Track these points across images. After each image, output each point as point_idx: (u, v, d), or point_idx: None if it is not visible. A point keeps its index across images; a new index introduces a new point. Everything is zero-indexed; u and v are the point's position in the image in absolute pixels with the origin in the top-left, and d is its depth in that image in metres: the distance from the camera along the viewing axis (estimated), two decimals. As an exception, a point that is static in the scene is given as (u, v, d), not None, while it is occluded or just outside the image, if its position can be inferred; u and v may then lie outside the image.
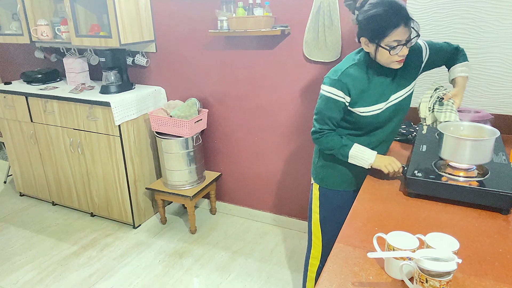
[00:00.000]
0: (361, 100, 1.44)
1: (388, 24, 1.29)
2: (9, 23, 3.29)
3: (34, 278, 2.40)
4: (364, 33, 1.36)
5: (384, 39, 1.31)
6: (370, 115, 1.46)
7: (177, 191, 2.74)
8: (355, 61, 1.45)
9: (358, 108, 1.45)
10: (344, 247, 1.07)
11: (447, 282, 0.81)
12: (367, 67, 1.45)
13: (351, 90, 1.43)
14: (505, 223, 1.15)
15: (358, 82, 1.43)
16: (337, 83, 1.42)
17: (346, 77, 1.42)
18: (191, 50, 2.73)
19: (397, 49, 1.32)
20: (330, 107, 1.46)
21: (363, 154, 1.46)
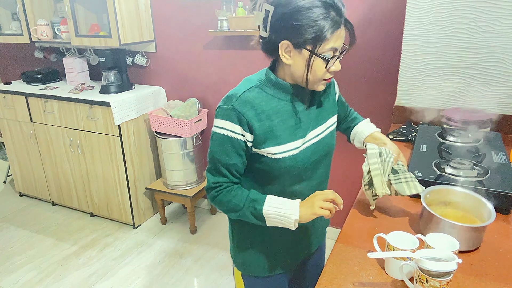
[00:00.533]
0: (270, 136, 1.01)
1: (329, 22, 0.90)
2: (9, 23, 3.29)
3: (34, 278, 2.40)
4: (290, 34, 0.93)
5: (321, 44, 0.92)
6: (286, 157, 1.03)
7: (177, 191, 2.74)
8: (257, 83, 1.03)
9: (268, 149, 1.02)
10: (344, 247, 1.07)
11: (447, 282, 0.81)
12: (276, 89, 1.03)
13: (253, 124, 0.99)
14: (505, 223, 1.15)
15: (264, 110, 1.00)
16: (231, 114, 0.98)
17: (244, 104, 0.98)
18: (191, 50, 2.73)
19: (331, 62, 0.95)
20: (225, 149, 1.01)
21: (283, 209, 1.00)
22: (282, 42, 0.95)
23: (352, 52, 2.37)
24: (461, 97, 1.89)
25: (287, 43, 0.94)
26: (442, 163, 1.35)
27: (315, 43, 0.92)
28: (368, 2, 2.14)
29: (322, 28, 0.90)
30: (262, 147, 1.02)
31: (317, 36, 0.91)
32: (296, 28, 0.91)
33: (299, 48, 0.94)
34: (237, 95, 1.00)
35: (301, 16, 0.90)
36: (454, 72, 1.86)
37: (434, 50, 1.86)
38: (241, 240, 1.20)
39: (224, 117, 1.00)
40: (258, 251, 1.18)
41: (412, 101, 1.98)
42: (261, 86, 1.03)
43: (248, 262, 1.20)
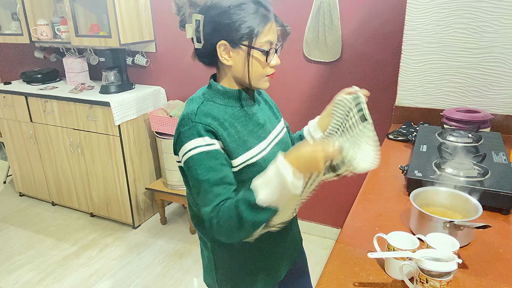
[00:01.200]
0: (239, 143, 0.98)
1: (260, 16, 0.94)
2: (9, 23, 3.29)
3: (33, 278, 2.40)
4: (225, 34, 0.94)
5: (257, 37, 0.94)
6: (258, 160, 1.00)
7: (177, 191, 2.74)
8: (205, 97, 1.02)
9: (241, 157, 0.97)
10: (344, 247, 1.07)
11: (447, 282, 0.81)
12: (225, 98, 1.02)
13: (221, 134, 0.95)
14: (505, 223, 1.15)
15: (225, 119, 0.98)
16: (197, 129, 0.93)
17: (205, 117, 0.95)
18: (191, 50, 2.72)
19: (271, 55, 0.98)
20: (209, 166, 0.92)
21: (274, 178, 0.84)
22: (219, 44, 0.96)
23: (353, 52, 2.38)
24: (461, 97, 1.89)
25: (224, 43, 0.95)
26: (442, 163, 1.35)
27: (250, 38, 0.94)
28: (368, 2, 2.14)
29: (255, 22, 0.93)
30: (236, 157, 0.97)
31: (251, 30, 0.93)
32: (230, 26, 0.93)
33: (236, 46, 0.95)
34: (193, 112, 0.96)
35: (232, 14, 0.92)
36: (454, 72, 1.86)
37: (434, 50, 1.86)
38: (227, 268, 1.11)
39: (190, 137, 0.93)
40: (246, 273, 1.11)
41: (412, 101, 1.98)
42: (211, 99, 1.01)
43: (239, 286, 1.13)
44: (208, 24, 0.96)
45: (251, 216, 0.86)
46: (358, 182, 1.70)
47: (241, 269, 1.12)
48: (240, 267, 1.11)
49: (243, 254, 1.10)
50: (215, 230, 0.92)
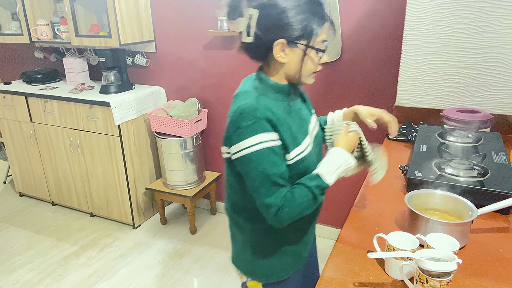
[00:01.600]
0: (291, 139, 1.02)
1: (320, 16, 0.96)
2: (9, 23, 3.29)
3: (34, 278, 2.40)
4: (284, 33, 0.94)
5: (315, 38, 0.97)
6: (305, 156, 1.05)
7: (177, 191, 2.74)
8: (258, 92, 1.02)
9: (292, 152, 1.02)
10: (344, 247, 1.07)
11: (447, 282, 0.81)
12: (276, 93, 1.03)
13: (280, 127, 0.98)
14: (505, 223, 1.15)
15: (280, 115, 1.00)
16: (262, 125, 0.95)
17: (266, 111, 0.97)
18: (191, 50, 2.73)
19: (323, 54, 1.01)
20: (273, 161, 0.96)
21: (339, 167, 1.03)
22: (276, 42, 0.96)
23: (353, 52, 2.38)
24: (461, 97, 1.89)
25: (282, 41, 0.96)
26: (442, 163, 1.35)
27: (309, 38, 0.96)
28: (368, 2, 2.14)
29: (314, 22, 0.95)
30: (289, 152, 1.01)
31: (310, 31, 0.95)
32: (289, 26, 0.94)
33: (293, 45, 0.97)
34: (253, 105, 0.97)
35: (292, 14, 0.93)
36: (454, 72, 1.86)
37: (434, 50, 1.86)
38: (262, 252, 1.16)
39: (254, 132, 0.95)
40: (279, 255, 1.16)
41: (412, 101, 1.98)
42: (264, 93, 1.02)
43: (271, 271, 1.17)
44: (264, 20, 0.94)
45: (322, 197, 1.03)
46: (358, 182, 1.70)
47: (274, 251, 1.16)
48: (274, 249, 1.16)
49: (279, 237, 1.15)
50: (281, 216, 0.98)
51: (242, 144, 0.96)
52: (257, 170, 0.96)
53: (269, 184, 0.97)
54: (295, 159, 1.02)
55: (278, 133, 0.98)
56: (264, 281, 1.20)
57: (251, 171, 0.97)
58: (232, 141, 0.98)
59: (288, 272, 1.19)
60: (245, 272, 1.22)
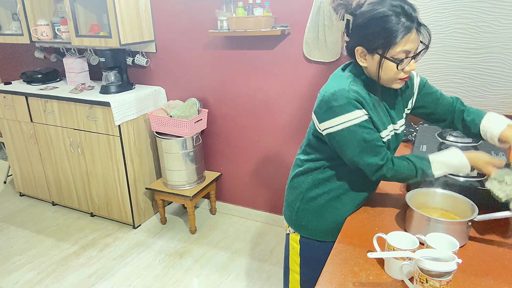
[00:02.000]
0: (380, 123, 1.15)
1: (399, 28, 1.00)
2: (9, 23, 3.29)
3: (34, 278, 2.40)
4: (363, 41, 1.07)
5: (391, 48, 1.03)
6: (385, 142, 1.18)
7: (177, 191, 2.74)
8: (350, 78, 1.14)
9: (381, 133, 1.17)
10: (344, 247, 1.07)
11: (447, 282, 0.81)
12: (364, 85, 1.15)
13: (367, 108, 1.11)
14: (505, 223, 1.15)
15: (367, 100, 1.12)
16: (353, 104, 1.09)
17: (357, 94, 1.10)
18: (191, 50, 2.73)
19: (404, 63, 1.04)
20: (370, 130, 1.11)
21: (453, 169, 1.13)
22: (357, 48, 1.09)
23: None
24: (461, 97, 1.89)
25: (361, 48, 1.08)
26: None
27: (384, 48, 1.04)
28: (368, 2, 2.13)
29: (391, 34, 1.01)
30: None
31: (386, 42, 1.03)
32: (368, 36, 1.05)
33: (371, 53, 1.07)
34: (345, 89, 1.09)
35: (372, 25, 1.04)
36: (454, 72, 1.86)
37: (434, 50, 1.86)
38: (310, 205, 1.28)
39: (349, 110, 1.08)
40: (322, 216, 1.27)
41: (412, 101, 1.97)
42: (354, 80, 1.13)
43: (310, 226, 1.30)
44: (353, 27, 1.08)
45: (420, 178, 1.14)
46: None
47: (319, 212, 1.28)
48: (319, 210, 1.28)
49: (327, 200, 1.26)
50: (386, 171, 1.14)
51: (336, 120, 1.10)
52: (357, 139, 1.11)
53: (371, 148, 1.12)
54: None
55: (366, 109, 1.10)
56: (303, 234, 1.33)
57: (351, 141, 1.11)
58: (324, 118, 1.13)
59: (326, 236, 1.29)
60: (289, 222, 1.36)
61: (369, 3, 1.07)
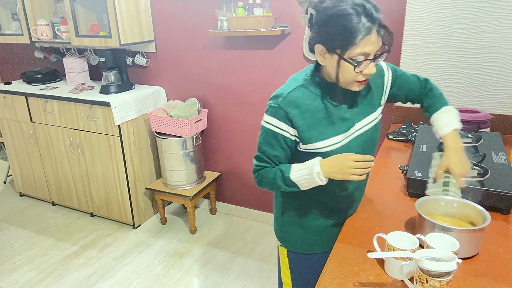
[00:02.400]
0: (314, 132, 1.10)
1: (358, 29, 0.95)
2: (9, 23, 3.29)
3: (34, 278, 2.40)
4: (323, 39, 1.01)
5: (349, 48, 0.97)
6: (330, 150, 1.12)
7: (177, 191, 2.74)
8: (302, 82, 1.12)
9: (314, 144, 1.11)
10: (344, 247, 1.07)
11: (447, 282, 0.81)
12: (319, 88, 1.11)
13: (296, 121, 1.08)
14: (505, 223, 1.15)
15: (308, 109, 1.09)
16: (277, 112, 1.09)
17: (289, 104, 1.08)
18: (191, 50, 2.73)
19: (362, 65, 0.99)
20: (269, 142, 1.13)
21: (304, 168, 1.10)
22: (317, 46, 1.04)
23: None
24: (461, 97, 1.89)
25: (321, 47, 1.03)
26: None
27: (343, 48, 0.98)
28: (368, 2, 2.13)
29: (350, 34, 0.96)
30: (308, 143, 1.11)
31: (345, 42, 0.97)
32: (328, 34, 1.00)
33: (330, 52, 1.01)
34: (283, 94, 1.10)
35: (332, 23, 0.98)
36: (454, 72, 1.86)
37: (434, 50, 1.87)
38: (292, 219, 1.27)
39: (271, 114, 1.11)
40: (304, 228, 1.26)
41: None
42: (306, 85, 1.11)
43: (295, 239, 1.29)
44: (315, 23, 1.02)
45: (281, 183, 1.13)
46: (358, 182, 1.70)
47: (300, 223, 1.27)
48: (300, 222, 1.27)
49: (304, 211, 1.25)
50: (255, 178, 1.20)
51: (264, 116, 1.14)
52: (259, 139, 1.16)
53: (258, 153, 1.17)
54: (313, 151, 1.12)
55: (296, 127, 1.09)
56: (289, 248, 1.31)
57: (259, 136, 1.17)
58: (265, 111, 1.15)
59: (312, 249, 1.28)
60: (277, 236, 1.35)
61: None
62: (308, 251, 1.29)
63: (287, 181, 1.12)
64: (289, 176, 1.11)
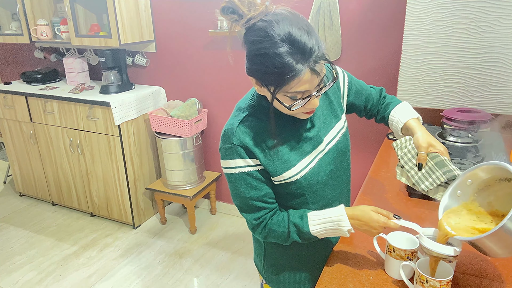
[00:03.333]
0: (279, 163, 0.98)
1: (287, 71, 0.81)
2: (9, 23, 3.29)
3: (34, 278, 2.40)
4: (252, 73, 0.89)
5: (282, 88, 0.85)
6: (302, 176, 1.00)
7: (177, 191, 2.74)
8: (248, 111, 0.98)
9: (282, 175, 0.98)
10: (344, 247, 1.07)
11: (447, 282, 0.81)
12: (268, 114, 0.94)
13: (257, 155, 0.96)
14: (505, 223, 1.15)
15: (263, 139, 0.96)
16: (237, 151, 0.95)
17: (243, 137, 0.95)
18: (191, 50, 2.73)
19: (300, 103, 0.87)
20: (251, 185, 0.98)
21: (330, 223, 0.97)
22: (250, 77, 0.92)
23: (353, 52, 2.37)
24: (461, 97, 1.89)
25: (254, 79, 0.91)
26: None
27: (275, 87, 0.85)
28: (368, 2, 2.14)
29: (281, 75, 0.82)
30: (275, 175, 0.98)
31: (276, 81, 0.84)
32: (258, 70, 0.87)
33: (264, 87, 0.89)
34: (232, 130, 0.96)
35: (263, 61, 0.84)
36: (454, 72, 1.86)
37: (434, 50, 1.86)
38: (274, 258, 1.17)
39: (231, 156, 0.96)
40: (290, 269, 1.16)
41: (412, 101, 1.98)
42: (254, 114, 0.98)
43: (281, 279, 1.17)
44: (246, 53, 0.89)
45: (297, 238, 1.00)
46: (358, 182, 1.70)
47: (284, 262, 1.16)
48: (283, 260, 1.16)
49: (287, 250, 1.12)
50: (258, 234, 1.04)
51: (222, 163, 1.00)
52: (235, 190, 1.00)
53: (246, 205, 1.00)
54: (288, 180, 0.99)
55: (258, 159, 0.96)
56: (272, 287, 1.21)
57: (232, 189, 1.01)
58: (221, 158, 1.01)
59: (301, 286, 1.17)
60: (260, 272, 1.25)
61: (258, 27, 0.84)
62: None
63: (306, 236, 0.99)
64: (309, 231, 0.98)
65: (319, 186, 1.03)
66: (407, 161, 1.05)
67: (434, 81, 1.90)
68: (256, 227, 1.02)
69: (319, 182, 1.03)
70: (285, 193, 1.03)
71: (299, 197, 1.03)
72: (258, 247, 1.21)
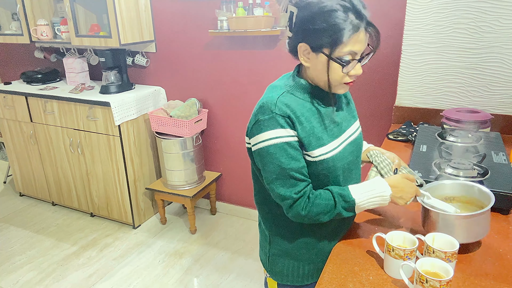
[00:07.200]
0: (313, 139, 1.00)
1: (346, 26, 0.89)
2: (9, 23, 3.29)
3: (34, 278, 2.40)
4: (307, 37, 0.94)
5: (337, 47, 0.91)
6: (329, 157, 1.02)
7: (177, 191, 2.74)
8: (286, 88, 1.03)
9: (313, 152, 1.00)
10: (344, 247, 1.07)
11: (447, 282, 0.82)
12: (306, 93, 1.03)
13: (296, 126, 0.98)
14: (505, 223, 1.15)
15: (302, 113, 0.99)
16: (279, 121, 0.96)
17: (285, 108, 0.97)
18: (191, 50, 2.73)
19: (350, 65, 0.94)
20: (291, 155, 0.97)
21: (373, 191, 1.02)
22: (300, 45, 0.96)
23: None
24: (461, 97, 1.89)
25: (305, 45, 0.96)
26: (442, 163, 1.35)
27: (331, 47, 0.92)
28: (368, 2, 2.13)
29: (338, 32, 0.90)
30: (309, 150, 1.00)
31: (333, 40, 0.91)
32: (313, 32, 0.92)
33: (316, 52, 0.95)
34: (273, 101, 0.98)
35: (318, 20, 0.91)
36: (454, 72, 1.86)
37: (434, 50, 1.86)
38: (281, 249, 1.16)
39: (271, 127, 0.97)
40: (295, 259, 1.15)
41: (412, 101, 1.98)
42: (291, 91, 1.02)
43: (285, 272, 1.16)
44: (298, 20, 0.95)
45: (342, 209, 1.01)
46: (358, 182, 1.70)
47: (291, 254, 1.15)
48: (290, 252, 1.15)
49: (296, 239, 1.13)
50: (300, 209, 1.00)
51: (259, 137, 0.98)
52: (274, 163, 0.98)
53: (286, 177, 0.98)
54: (317, 159, 1.01)
55: (296, 131, 0.98)
56: (279, 281, 1.19)
57: (269, 163, 0.99)
58: (252, 133, 1.01)
59: (307, 279, 1.17)
60: (264, 266, 1.24)
61: None
62: (301, 282, 1.17)
63: (351, 205, 1.00)
64: (354, 199, 1.00)
65: (341, 171, 1.05)
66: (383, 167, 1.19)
67: (434, 81, 1.91)
68: (298, 201, 0.99)
69: (342, 167, 1.05)
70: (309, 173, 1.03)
71: (322, 179, 1.04)
72: (263, 240, 1.21)
